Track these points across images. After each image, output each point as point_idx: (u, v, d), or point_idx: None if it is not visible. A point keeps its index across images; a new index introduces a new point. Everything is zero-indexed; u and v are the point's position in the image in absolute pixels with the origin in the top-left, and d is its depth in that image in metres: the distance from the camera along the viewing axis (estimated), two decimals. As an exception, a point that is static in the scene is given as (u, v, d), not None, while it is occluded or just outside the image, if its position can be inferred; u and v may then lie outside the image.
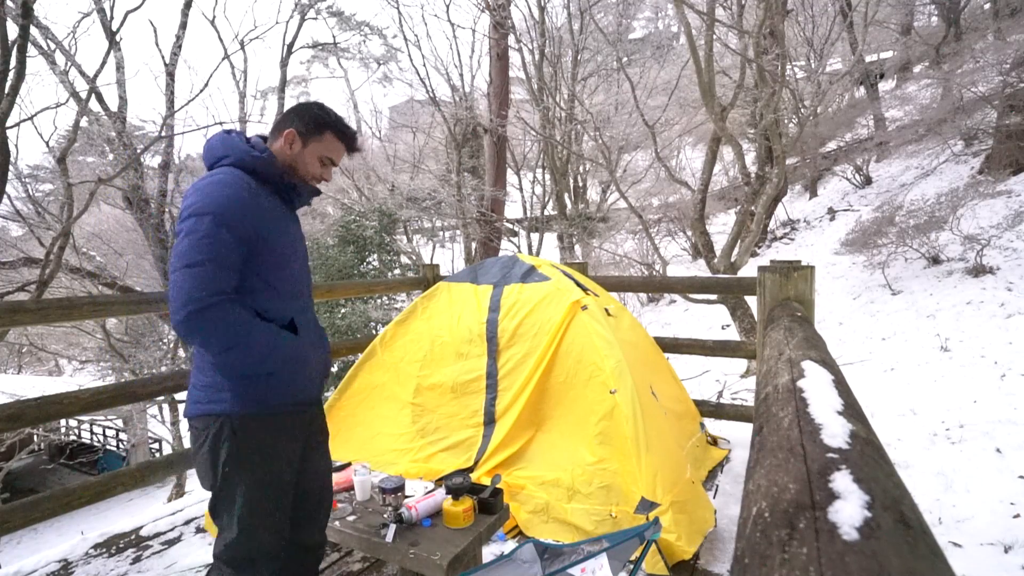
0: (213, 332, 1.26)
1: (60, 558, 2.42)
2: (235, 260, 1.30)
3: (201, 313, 1.24)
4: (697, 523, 2.19)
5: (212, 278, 1.25)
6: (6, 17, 5.60)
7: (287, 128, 1.46)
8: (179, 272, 1.25)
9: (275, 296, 1.41)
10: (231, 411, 1.35)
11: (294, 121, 1.47)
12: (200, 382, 1.39)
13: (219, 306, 1.25)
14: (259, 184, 1.41)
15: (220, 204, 1.28)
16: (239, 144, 1.41)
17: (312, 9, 11.59)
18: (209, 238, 1.26)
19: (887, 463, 0.58)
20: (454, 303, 2.96)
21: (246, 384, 1.36)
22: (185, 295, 1.23)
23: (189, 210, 1.28)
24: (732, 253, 6.10)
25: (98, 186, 7.30)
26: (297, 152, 1.47)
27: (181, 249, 1.26)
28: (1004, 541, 2.35)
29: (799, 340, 1.25)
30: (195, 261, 1.25)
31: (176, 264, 1.26)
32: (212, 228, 1.26)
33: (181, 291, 1.24)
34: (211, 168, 1.41)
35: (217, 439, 1.34)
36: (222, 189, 1.31)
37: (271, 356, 1.34)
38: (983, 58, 8.70)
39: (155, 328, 10.68)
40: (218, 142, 1.42)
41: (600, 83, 11.78)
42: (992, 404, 3.84)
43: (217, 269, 1.26)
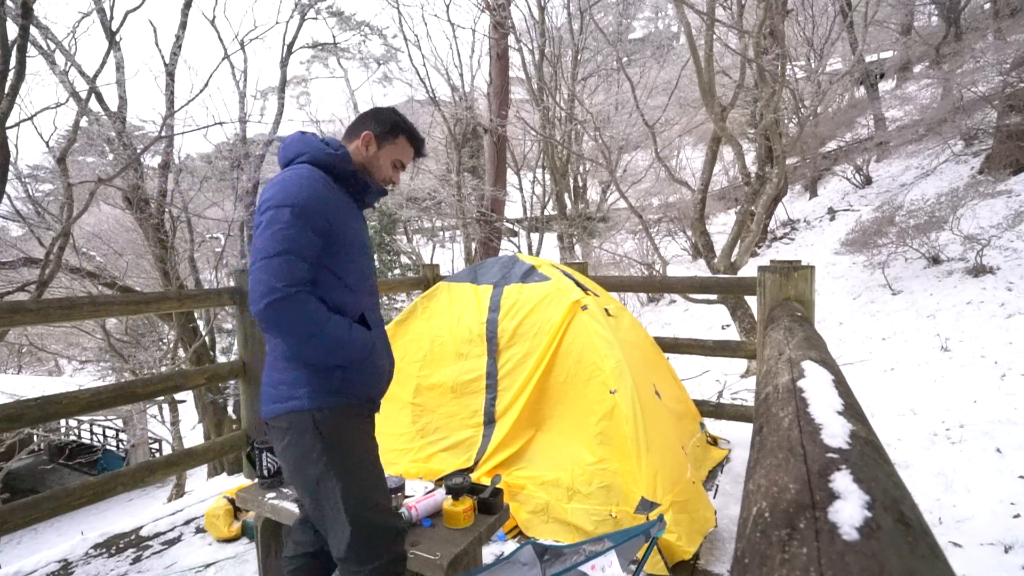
0: (292, 322, 1.27)
1: (60, 558, 2.42)
2: (312, 253, 1.32)
3: (281, 303, 1.25)
4: (697, 523, 2.19)
5: (291, 269, 1.27)
6: (6, 17, 5.60)
7: (364, 130, 1.51)
8: (259, 263, 1.27)
9: (346, 291, 1.42)
10: (310, 407, 1.34)
11: (371, 124, 1.52)
12: (274, 380, 1.39)
13: (297, 296, 1.27)
14: (333, 181, 1.44)
15: (299, 197, 1.31)
16: (315, 142, 1.45)
17: (312, 9, 11.57)
18: (288, 230, 1.28)
19: (887, 463, 0.58)
20: (454, 303, 2.96)
21: (322, 378, 1.36)
22: (265, 285, 1.25)
23: (269, 202, 1.31)
24: (732, 253, 6.10)
25: (98, 186, 7.30)
26: (372, 154, 1.52)
27: (262, 241, 1.28)
28: (1004, 541, 2.35)
29: (799, 340, 1.25)
30: (275, 252, 1.26)
31: (257, 255, 1.28)
32: (291, 220, 1.28)
33: (260, 282, 1.25)
34: (286, 166, 1.45)
35: (302, 438, 1.34)
36: (301, 182, 1.33)
37: (346, 348, 1.35)
38: (983, 58, 8.70)
39: (155, 328, 10.67)
40: (295, 140, 1.46)
41: (600, 83, 11.79)
42: (992, 404, 3.84)
43: (296, 260, 1.28)
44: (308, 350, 1.32)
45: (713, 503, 2.45)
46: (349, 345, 1.35)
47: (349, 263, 1.43)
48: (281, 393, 1.37)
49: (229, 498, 2.62)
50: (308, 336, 1.29)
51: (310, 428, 1.34)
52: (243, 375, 3.07)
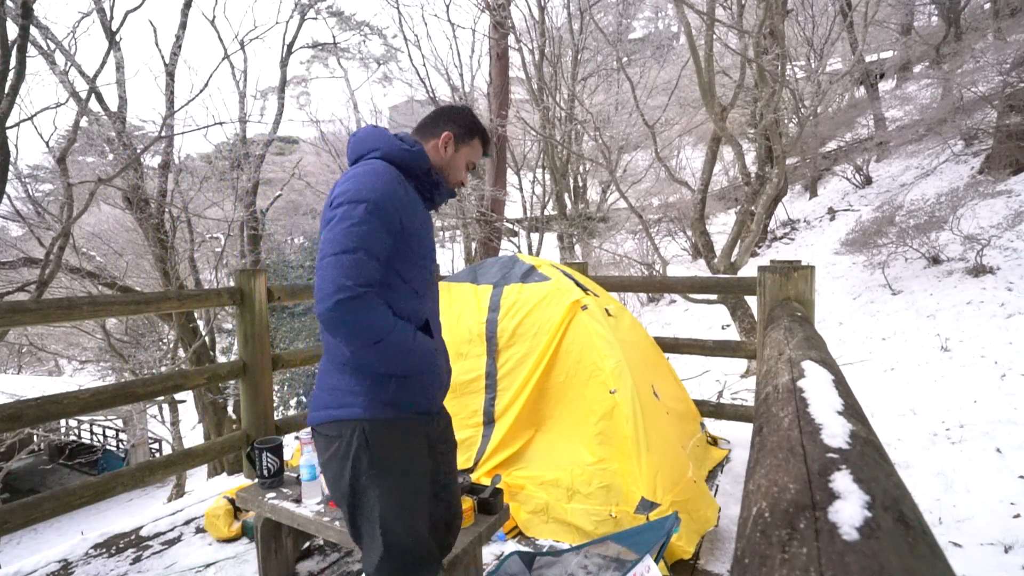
0: (359, 324, 1.19)
1: (60, 558, 2.42)
2: (384, 252, 1.26)
3: (351, 302, 1.17)
4: (697, 523, 2.19)
5: (363, 268, 1.20)
6: (6, 17, 5.60)
7: (443, 130, 1.46)
8: (329, 259, 1.19)
9: (412, 295, 1.36)
10: (363, 416, 1.28)
11: (450, 124, 1.47)
12: (327, 384, 1.33)
13: (367, 297, 1.20)
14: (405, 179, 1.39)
15: (375, 193, 1.25)
16: (389, 137, 1.40)
17: (312, 9, 11.57)
18: (362, 226, 1.21)
19: (887, 463, 0.58)
20: (454, 303, 2.96)
21: (379, 387, 1.30)
22: (334, 284, 1.17)
23: (343, 197, 1.24)
24: (732, 253, 6.10)
25: (98, 186, 7.30)
26: (450, 155, 1.47)
27: (333, 236, 1.21)
28: (1004, 541, 2.35)
29: (799, 340, 1.25)
30: (347, 248, 1.19)
31: (327, 251, 1.21)
32: (366, 216, 1.22)
33: (329, 279, 1.18)
34: (356, 160, 1.39)
35: (350, 447, 1.28)
36: (377, 178, 1.28)
37: (408, 357, 1.28)
38: (983, 58, 8.70)
39: (155, 328, 10.67)
40: (368, 135, 1.41)
41: (600, 83, 11.78)
42: (992, 404, 3.84)
43: (368, 259, 1.21)
44: (370, 356, 1.24)
45: (716, 501, 2.44)
46: (412, 354, 1.28)
47: (417, 266, 1.37)
48: (334, 399, 1.31)
49: (229, 498, 2.62)
50: (373, 341, 1.21)
51: (359, 439, 1.28)
52: (243, 375, 3.07)
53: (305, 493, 1.99)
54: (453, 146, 1.47)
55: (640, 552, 1.56)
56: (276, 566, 2.11)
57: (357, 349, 1.23)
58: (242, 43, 10.55)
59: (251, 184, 10.51)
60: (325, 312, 1.18)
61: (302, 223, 15.72)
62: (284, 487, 2.12)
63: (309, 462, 1.99)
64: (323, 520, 1.86)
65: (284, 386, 7.99)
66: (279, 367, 3.22)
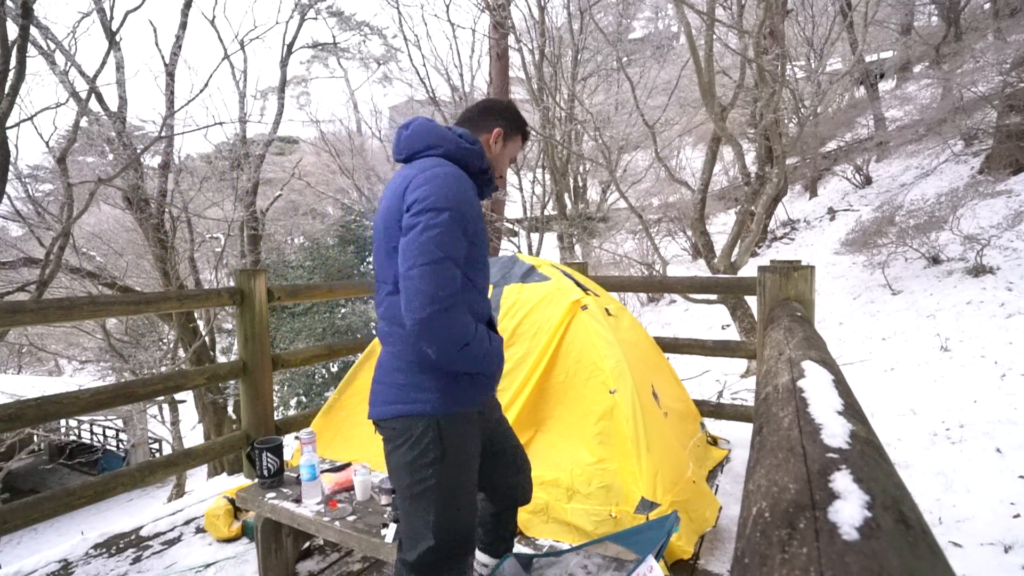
0: (451, 333, 1.22)
1: (60, 558, 2.42)
2: (463, 258, 1.27)
3: (444, 314, 1.19)
4: (696, 523, 2.19)
5: (450, 277, 1.21)
6: (6, 17, 5.60)
7: (494, 126, 1.46)
8: (419, 268, 1.19)
9: (478, 295, 1.38)
10: (436, 411, 1.31)
11: (499, 120, 1.47)
12: (396, 381, 1.34)
13: (457, 306, 1.22)
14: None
15: (456, 200, 1.24)
16: (449, 134, 1.37)
17: (312, 9, 11.57)
18: (447, 235, 1.21)
19: (887, 463, 0.58)
20: (454, 303, 2.96)
21: (452, 385, 1.33)
22: (427, 295, 1.18)
23: (424, 203, 1.22)
24: (732, 253, 6.10)
25: (98, 186, 7.30)
26: (499, 150, 1.48)
27: (420, 244, 1.20)
28: (1004, 541, 2.35)
29: (799, 340, 1.25)
30: (437, 258, 1.20)
31: (416, 260, 1.20)
32: (449, 224, 1.22)
33: (421, 291, 1.18)
34: (410, 157, 1.37)
35: (421, 441, 1.31)
36: (455, 183, 1.27)
37: (487, 358, 1.32)
38: (983, 58, 8.70)
39: (155, 328, 10.67)
40: (424, 130, 1.37)
41: (600, 83, 11.78)
42: (992, 404, 3.84)
43: (453, 267, 1.22)
44: (458, 359, 1.27)
45: (716, 500, 2.44)
46: (490, 354, 1.33)
47: (481, 265, 1.39)
48: (404, 395, 1.32)
49: (229, 498, 2.62)
50: (461, 346, 1.24)
51: (431, 433, 1.31)
52: (243, 375, 3.07)
53: (305, 493, 1.99)
54: (502, 142, 1.48)
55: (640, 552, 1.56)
56: (276, 566, 2.11)
57: (445, 354, 1.25)
58: (242, 43, 10.55)
59: (251, 184, 10.51)
60: (421, 323, 1.19)
61: (302, 223, 15.71)
62: (284, 487, 2.12)
63: (309, 462, 1.99)
64: (323, 520, 1.86)
65: (284, 386, 7.99)
66: (279, 367, 3.22)
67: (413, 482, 1.32)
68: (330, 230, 10.33)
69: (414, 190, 1.24)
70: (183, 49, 9.08)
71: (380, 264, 1.34)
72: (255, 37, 13.14)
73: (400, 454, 1.33)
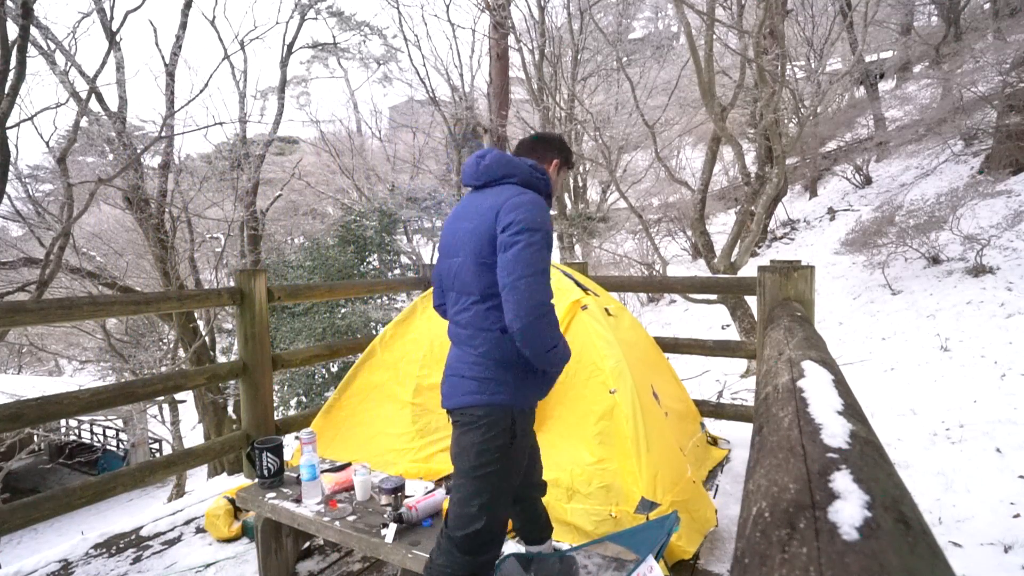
0: (547, 335, 1.41)
1: (60, 558, 2.42)
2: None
3: (545, 318, 1.39)
4: (698, 523, 2.19)
5: (548, 287, 1.42)
6: (6, 17, 5.60)
7: (553, 157, 1.67)
8: (525, 280, 1.36)
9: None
10: (512, 404, 1.48)
11: (556, 152, 1.68)
12: (478, 375, 1.48)
13: (551, 312, 1.42)
14: None
15: (543, 222, 1.45)
16: (522, 164, 1.57)
17: (312, 9, 11.57)
18: (542, 251, 1.42)
19: (887, 463, 0.58)
20: (454, 303, 2.96)
21: (527, 383, 1.50)
22: (535, 302, 1.36)
23: (521, 224, 1.40)
24: (732, 253, 6.10)
25: (98, 186, 7.30)
26: (555, 178, 1.69)
27: (525, 258, 1.37)
28: (1004, 541, 2.35)
29: (799, 340, 1.25)
30: (537, 271, 1.38)
31: (521, 272, 1.37)
32: (542, 242, 1.42)
33: (529, 298, 1.36)
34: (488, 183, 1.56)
35: (496, 428, 1.45)
36: (541, 208, 1.47)
37: (564, 359, 1.51)
38: (983, 58, 8.70)
39: (155, 328, 10.67)
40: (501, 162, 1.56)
41: (600, 83, 11.78)
42: (992, 404, 3.84)
43: (547, 278, 1.43)
44: (546, 360, 1.43)
45: (713, 502, 2.45)
46: (566, 356, 1.51)
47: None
48: (487, 387, 1.47)
49: (229, 498, 2.62)
50: (552, 347, 1.42)
51: (506, 423, 1.46)
52: (243, 375, 3.07)
53: (305, 493, 1.99)
54: (557, 171, 1.69)
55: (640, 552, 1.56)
56: (276, 566, 2.11)
57: (537, 354, 1.42)
58: (242, 43, 10.56)
59: (251, 184, 10.51)
60: (528, 327, 1.36)
61: (302, 223, 15.71)
62: (284, 487, 2.12)
63: (309, 462, 1.99)
64: (323, 520, 1.86)
65: (284, 386, 7.99)
66: (279, 367, 3.23)
67: (479, 464, 1.45)
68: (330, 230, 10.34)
69: (508, 213, 1.42)
70: (183, 49, 9.08)
71: (465, 278, 1.50)
72: (255, 37, 13.14)
73: (473, 437, 1.47)
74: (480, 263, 1.45)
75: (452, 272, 1.54)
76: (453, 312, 1.57)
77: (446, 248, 1.58)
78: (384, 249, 9.02)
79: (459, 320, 1.54)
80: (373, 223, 8.87)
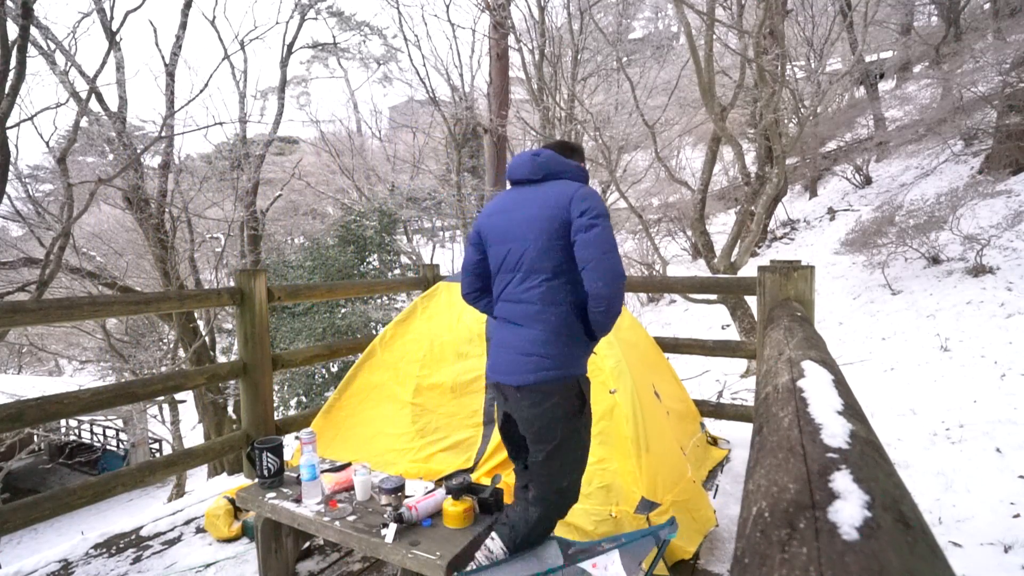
0: (622, 301, 1.62)
1: (60, 558, 2.42)
2: None
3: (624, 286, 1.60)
4: (698, 523, 2.19)
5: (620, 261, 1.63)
6: (6, 17, 5.60)
7: (579, 160, 1.88)
8: (610, 255, 1.57)
9: None
10: (577, 373, 1.66)
11: (580, 156, 1.90)
12: (550, 352, 1.62)
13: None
14: None
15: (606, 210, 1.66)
16: (571, 163, 1.78)
17: (312, 9, 11.57)
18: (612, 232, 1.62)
19: (887, 463, 0.58)
20: (454, 303, 2.96)
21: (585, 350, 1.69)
22: (619, 272, 1.58)
23: (596, 211, 1.61)
24: (732, 253, 6.10)
25: (98, 186, 7.30)
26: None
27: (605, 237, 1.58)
28: (1004, 541, 2.35)
29: (799, 340, 1.25)
30: (614, 248, 1.59)
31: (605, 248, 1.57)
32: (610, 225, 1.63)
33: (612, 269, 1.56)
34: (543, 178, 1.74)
35: (571, 395, 1.64)
36: (600, 199, 1.68)
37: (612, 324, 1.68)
38: (983, 58, 8.70)
39: (155, 328, 10.67)
40: (553, 160, 1.75)
41: (600, 83, 11.77)
42: (992, 404, 3.84)
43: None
44: (612, 323, 1.63)
45: (713, 503, 2.45)
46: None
47: None
48: (559, 363, 1.62)
49: (229, 498, 2.62)
50: (618, 315, 1.62)
51: (578, 391, 1.65)
52: (243, 375, 3.07)
53: (305, 493, 1.99)
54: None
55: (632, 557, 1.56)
56: (276, 566, 2.11)
57: (611, 320, 1.61)
58: (242, 43, 10.56)
59: (251, 184, 10.51)
60: (615, 292, 1.57)
61: (302, 223, 15.71)
62: (284, 487, 2.12)
63: (309, 462, 1.99)
64: (323, 520, 1.86)
65: (284, 386, 7.99)
66: (279, 367, 3.23)
67: (566, 433, 1.63)
68: (330, 230, 10.33)
69: (582, 201, 1.62)
70: (183, 49, 9.08)
71: (536, 259, 1.65)
72: (255, 37, 13.14)
73: (552, 410, 1.62)
74: (552, 244, 1.62)
75: (516, 255, 1.68)
76: (518, 291, 1.69)
77: (499, 236, 1.73)
78: (384, 249, 9.02)
79: (527, 298, 1.66)
80: (373, 223, 8.87)
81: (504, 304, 1.73)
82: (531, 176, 1.74)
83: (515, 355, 1.65)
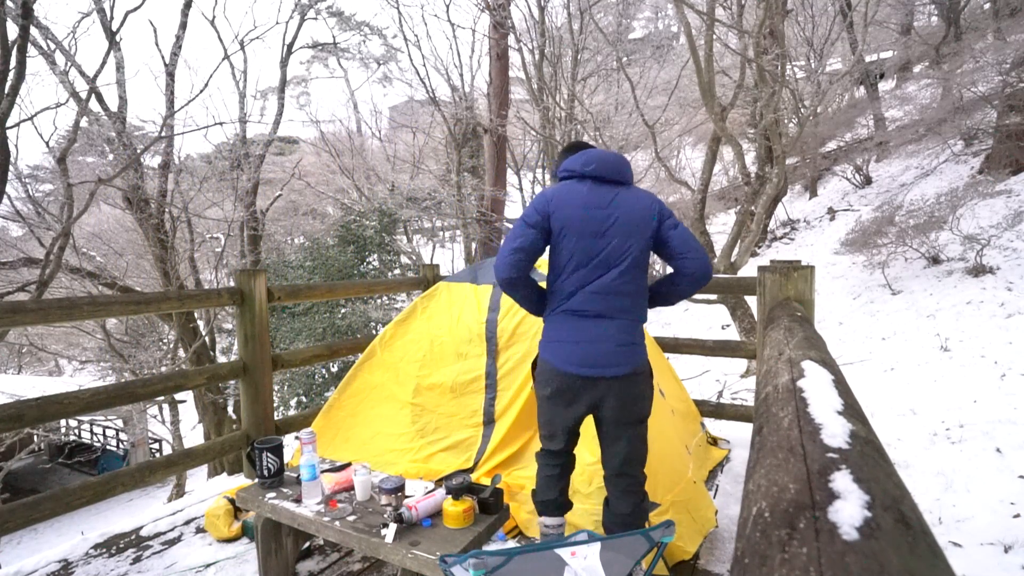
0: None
1: (60, 558, 2.42)
2: None
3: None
4: (698, 523, 2.19)
5: None
6: (6, 17, 5.60)
7: None
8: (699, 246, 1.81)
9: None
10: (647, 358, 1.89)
11: None
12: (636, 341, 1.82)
13: None
14: None
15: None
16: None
17: (312, 9, 11.57)
18: None
19: (887, 463, 0.58)
20: (454, 303, 2.96)
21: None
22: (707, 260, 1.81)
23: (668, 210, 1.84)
24: (732, 253, 6.10)
25: (98, 186, 7.30)
26: None
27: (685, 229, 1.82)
28: (1004, 541, 2.35)
29: (799, 340, 1.25)
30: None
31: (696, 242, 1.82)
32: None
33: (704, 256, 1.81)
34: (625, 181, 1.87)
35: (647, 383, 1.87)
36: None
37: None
38: (983, 58, 8.69)
39: (155, 328, 10.67)
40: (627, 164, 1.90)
41: (600, 83, 11.77)
42: (992, 404, 3.84)
43: None
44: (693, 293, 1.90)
45: (713, 502, 2.44)
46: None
47: None
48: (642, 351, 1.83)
49: (229, 498, 2.62)
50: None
51: (651, 375, 1.89)
52: (243, 375, 3.07)
53: (305, 493, 1.99)
54: None
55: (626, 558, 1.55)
56: (276, 566, 2.11)
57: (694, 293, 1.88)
58: (242, 43, 10.56)
59: (251, 184, 10.51)
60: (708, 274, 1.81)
61: (302, 223, 15.70)
62: (284, 487, 2.12)
63: (309, 462, 1.99)
64: (323, 520, 1.86)
65: (284, 386, 7.99)
66: (279, 367, 3.23)
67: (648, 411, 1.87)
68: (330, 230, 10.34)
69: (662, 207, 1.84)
70: (183, 49, 9.08)
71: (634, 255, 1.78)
72: (255, 37, 13.14)
73: (643, 391, 1.84)
74: (647, 243, 1.80)
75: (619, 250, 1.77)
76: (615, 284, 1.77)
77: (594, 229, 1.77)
78: (384, 249, 9.02)
79: (625, 290, 1.79)
80: (373, 223, 8.87)
81: (593, 296, 1.77)
82: (624, 179, 1.86)
83: (614, 347, 1.77)
